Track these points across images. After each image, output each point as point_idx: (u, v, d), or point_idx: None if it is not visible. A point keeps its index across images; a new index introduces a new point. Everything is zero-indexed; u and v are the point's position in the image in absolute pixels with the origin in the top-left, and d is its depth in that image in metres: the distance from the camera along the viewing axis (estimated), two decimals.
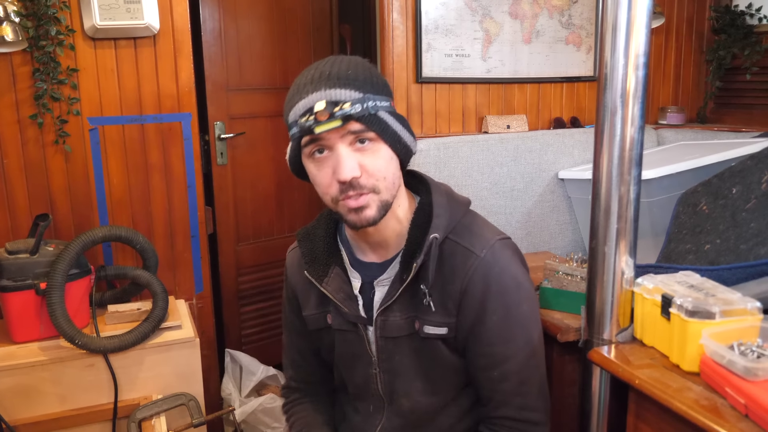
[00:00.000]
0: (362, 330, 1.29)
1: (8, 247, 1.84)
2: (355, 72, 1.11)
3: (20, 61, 1.95)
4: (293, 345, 1.46)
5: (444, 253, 1.20)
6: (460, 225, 1.23)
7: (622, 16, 1.20)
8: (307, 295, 1.36)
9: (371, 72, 1.14)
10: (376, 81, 1.13)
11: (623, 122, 1.24)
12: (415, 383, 1.28)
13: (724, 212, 1.62)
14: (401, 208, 1.23)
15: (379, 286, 1.26)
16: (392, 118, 1.14)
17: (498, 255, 1.20)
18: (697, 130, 2.71)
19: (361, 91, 1.10)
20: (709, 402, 1.07)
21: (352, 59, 1.15)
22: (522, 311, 1.21)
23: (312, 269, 1.30)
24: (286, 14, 3.00)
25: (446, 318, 1.21)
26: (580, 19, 2.59)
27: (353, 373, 1.35)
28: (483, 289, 1.18)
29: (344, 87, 1.09)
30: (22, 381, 1.77)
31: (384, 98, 1.13)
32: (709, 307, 1.14)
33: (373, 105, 1.10)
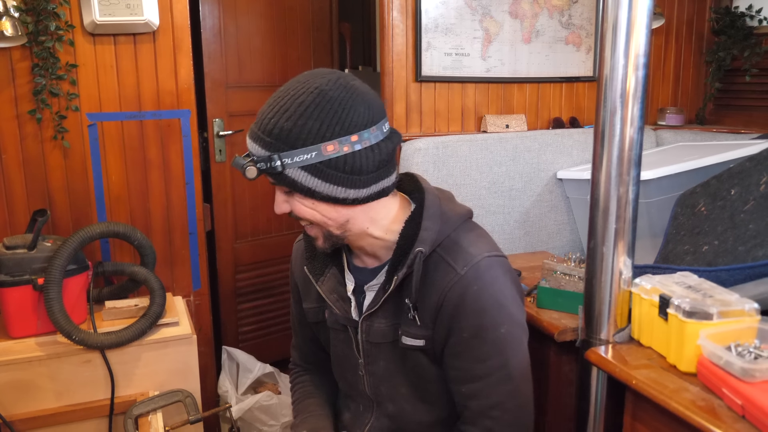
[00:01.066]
0: (352, 332, 1.30)
1: (6, 242, 1.84)
2: (277, 122, 1.08)
3: (19, 56, 1.95)
4: (296, 329, 1.51)
5: (429, 267, 1.19)
6: (449, 239, 1.21)
7: (623, 16, 1.20)
8: (307, 288, 1.38)
9: (300, 118, 1.07)
10: (299, 132, 1.07)
11: (623, 122, 1.24)
12: (400, 389, 1.29)
13: (723, 213, 1.62)
14: (378, 225, 1.20)
15: (369, 290, 1.27)
16: (306, 174, 1.09)
17: (481, 273, 1.17)
18: (696, 131, 2.71)
19: (268, 150, 1.09)
20: (706, 403, 1.07)
21: (296, 98, 1.08)
22: (499, 334, 1.17)
23: (311, 266, 1.32)
24: (285, 12, 3.00)
25: (424, 330, 1.21)
26: (580, 19, 2.60)
27: (344, 371, 1.37)
28: (457, 305, 1.16)
29: (256, 141, 1.11)
30: (18, 376, 1.77)
31: (302, 152, 1.07)
32: (706, 308, 1.14)
33: (279, 164, 1.08)
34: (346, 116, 1.08)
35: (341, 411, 1.43)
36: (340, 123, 1.08)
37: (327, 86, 1.08)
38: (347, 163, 1.09)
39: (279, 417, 2.46)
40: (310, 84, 1.09)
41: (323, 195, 1.11)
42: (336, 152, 1.08)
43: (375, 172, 1.13)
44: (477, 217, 2.35)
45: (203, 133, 2.80)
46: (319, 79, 1.10)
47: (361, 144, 1.10)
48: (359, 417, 1.36)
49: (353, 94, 1.10)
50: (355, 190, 1.12)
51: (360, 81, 1.15)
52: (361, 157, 1.10)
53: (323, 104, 1.07)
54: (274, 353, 3.00)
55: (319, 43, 3.15)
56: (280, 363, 2.72)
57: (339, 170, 1.09)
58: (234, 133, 2.87)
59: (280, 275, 3.13)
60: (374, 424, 1.33)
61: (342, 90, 1.09)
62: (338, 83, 1.10)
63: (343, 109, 1.08)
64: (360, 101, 1.10)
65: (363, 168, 1.11)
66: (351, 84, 1.11)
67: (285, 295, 3.15)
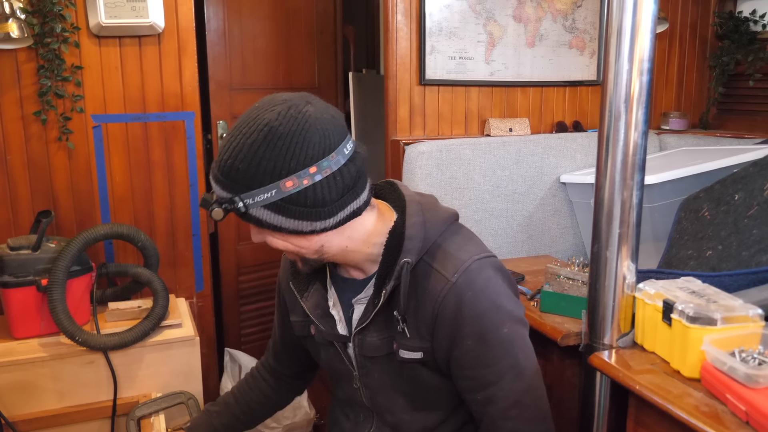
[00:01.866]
0: (340, 347, 1.28)
1: (10, 243, 1.84)
2: (233, 164, 1.05)
3: (25, 57, 1.95)
4: (275, 333, 1.53)
5: (418, 276, 1.17)
6: (435, 245, 1.18)
7: (627, 21, 1.20)
8: (294, 302, 1.36)
9: (253, 158, 1.04)
10: (254, 172, 1.04)
11: (627, 127, 1.24)
12: (397, 400, 1.27)
13: (726, 218, 1.62)
14: (357, 242, 1.17)
15: (358, 304, 1.24)
16: (269, 212, 1.07)
17: (473, 277, 1.14)
18: (699, 135, 2.71)
19: (229, 192, 1.07)
20: (709, 408, 1.07)
21: (247, 137, 1.05)
22: (502, 335, 1.15)
23: (295, 281, 1.30)
24: (290, 15, 3.01)
25: (421, 343, 1.18)
26: (584, 24, 2.60)
27: (339, 384, 1.36)
28: (455, 313, 1.14)
29: (217, 183, 1.09)
30: (21, 377, 1.77)
31: (261, 192, 1.05)
32: (710, 313, 1.14)
33: (240, 205, 1.07)
34: (299, 150, 1.04)
35: (339, 420, 1.42)
36: (295, 158, 1.04)
37: (276, 121, 1.04)
38: (308, 196, 1.06)
39: (280, 419, 2.46)
40: (260, 120, 1.05)
41: (290, 230, 1.10)
42: (296, 187, 1.05)
43: (340, 199, 1.09)
44: (480, 220, 2.37)
45: (207, 135, 2.80)
46: (268, 113, 1.06)
47: (321, 174, 1.06)
48: (359, 426, 1.35)
49: (305, 125, 1.05)
50: (321, 221, 1.09)
51: (316, 102, 1.10)
52: (323, 188, 1.07)
53: (275, 141, 1.03)
54: None
55: (323, 46, 3.16)
56: None
57: (301, 205, 1.07)
58: None
59: None
60: None
61: (293, 122, 1.05)
62: (288, 115, 1.05)
63: (296, 144, 1.04)
64: (313, 131, 1.05)
65: (326, 198, 1.08)
66: (303, 113, 1.06)
67: None
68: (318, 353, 1.37)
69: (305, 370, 1.55)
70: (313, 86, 3.11)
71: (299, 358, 1.50)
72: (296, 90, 3.12)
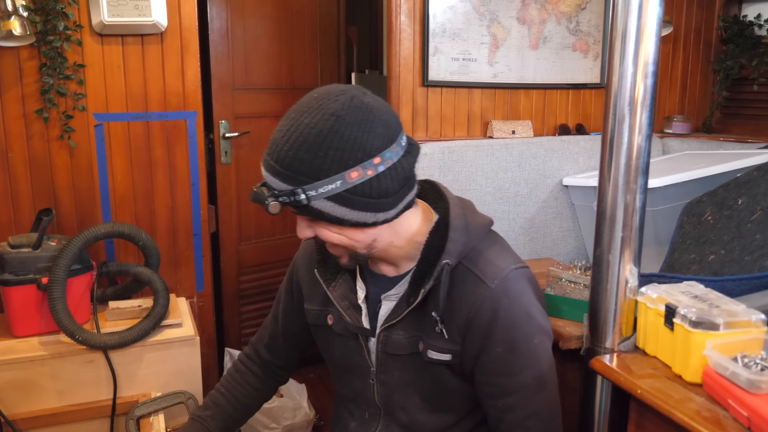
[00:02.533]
0: (363, 340, 1.27)
1: (11, 241, 1.84)
2: (296, 154, 1.03)
3: (27, 55, 1.95)
4: (276, 318, 1.49)
5: (455, 279, 1.17)
6: (475, 251, 1.19)
7: (632, 24, 1.20)
8: (312, 290, 1.35)
9: (320, 148, 1.03)
10: (320, 163, 1.03)
11: (631, 130, 1.23)
12: (413, 400, 1.27)
13: (729, 223, 1.61)
14: (402, 237, 1.18)
15: (386, 300, 1.24)
16: (332, 204, 1.05)
17: (510, 286, 1.16)
18: (702, 139, 2.71)
19: (290, 183, 1.04)
20: (711, 414, 1.06)
21: (312, 126, 1.03)
22: (531, 346, 1.17)
23: (322, 269, 1.29)
24: (293, 15, 3.00)
25: (451, 345, 1.18)
26: (588, 26, 2.59)
27: (351, 378, 1.34)
28: (490, 320, 1.15)
29: (275, 175, 1.05)
30: (21, 375, 1.77)
31: (326, 182, 1.03)
32: (713, 318, 1.14)
33: (302, 198, 1.04)
34: (366, 140, 1.04)
35: (343, 418, 1.42)
36: (362, 148, 1.03)
37: (342, 111, 1.03)
38: (373, 187, 1.06)
39: (280, 420, 2.46)
40: (325, 109, 1.04)
41: (352, 222, 1.09)
42: (361, 178, 1.04)
43: (400, 191, 1.10)
44: None
45: (209, 135, 2.80)
46: (332, 103, 1.05)
47: (384, 165, 1.06)
48: (365, 424, 1.34)
49: (370, 115, 1.05)
50: (383, 213, 1.09)
51: (371, 95, 1.10)
52: (385, 179, 1.07)
53: (342, 131, 1.03)
54: None
55: (326, 47, 3.15)
56: None
57: (366, 196, 1.06)
58: (240, 135, 2.88)
59: (283, 278, 3.13)
60: None
61: (358, 112, 1.04)
62: (353, 105, 1.05)
63: (362, 133, 1.04)
64: (378, 121, 1.06)
65: (389, 189, 1.07)
66: (366, 103, 1.06)
67: None
68: (331, 345, 1.35)
69: (294, 362, 1.53)
70: (316, 86, 3.09)
71: (295, 348, 1.49)
72: (299, 90, 3.13)
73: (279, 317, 1.48)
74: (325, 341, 1.37)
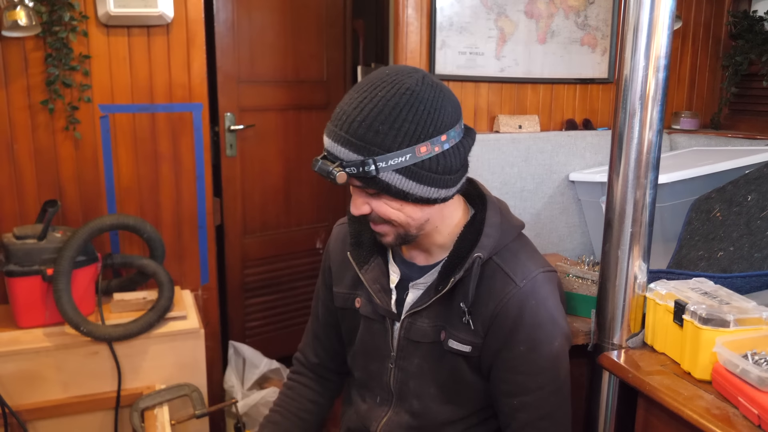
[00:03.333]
0: (389, 324, 1.29)
1: (16, 232, 1.84)
2: (370, 124, 1.04)
3: (33, 46, 1.94)
4: (316, 317, 1.47)
5: (484, 274, 1.19)
6: (507, 249, 1.21)
7: (644, 17, 1.19)
8: (342, 273, 1.37)
9: (395, 120, 1.05)
10: (395, 135, 1.05)
11: (641, 125, 1.22)
12: (429, 389, 1.28)
13: (739, 219, 1.60)
14: (446, 224, 1.21)
15: (414, 288, 1.26)
16: (400, 176, 1.08)
17: (537, 288, 1.17)
18: (711, 135, 2.69)
19: (361, 154, 1.05)
20: (720, 411, 1.05)
21: (388, 99, 1.05)
22: (552, 348, 1.18)
23: (355, 252, 1.31)
24: (299, 8, 2.99)
25: (473, 337, 1.20)
26: (596, 21, 2.57)
27: (369, 361, 1.35)
28: (515, 318, 1.16)
29: (345, 145, 1.06)
30: (26, 366, 1.77)
31: (397, 155, 1.05)
32: (723, 315, 1.13)
33: (371, 168, 1.05)
34: (437, 116, 1.07)
35: (354, 402, 1.42)
36: (433, 124, 1.07)
37: (417, 86, 1.07)
38: (439, 163, 1.09)
39: None
40: (400, 84, 1.07)
41: (416, 197, 1.11)
42: (429, 153, 1.08)
43: (461, 169, 1.14)
44: None
45: (214, 127, 2.79)
46: (407, 78, 1.08)
47: (449, 143, 1.10)
48: (375, 409, 1.35)
49: (440, 93, 1.09)
50: (445, 190, 1.12)
51: (434, 76, 1.15)
52: (450, 156, 1.10)
53: (416, 105, 1.06)
54: (281, 349, 2.99)
55: (332, 39, 3.14)
56: (286, 359, 2.70)
57: (432, 171, 1.09)
58: (245, 128, 2.87)
59: (288, 271, 3.13)
60: (392, 418, 1.32)
61: (431, 89, 1.08)
62: (425, 82, 1.08)
63: (435, 110, 1.07)
64: (447, 101, 1.10)
65: (452, 167, 1.11)
66: (436, 83, 1.10)
67: (293, 291, 3.14)
68: (355, 327, 1.37)
69: (343, 360, 1.47)
70: (322, 80, 3.10)
71: (339, 343, 1.46)
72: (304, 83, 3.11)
73: (318, 313, 1.47)
74: (350, 325, 1.39)
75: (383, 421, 1.33)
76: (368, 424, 1.36)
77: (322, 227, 3.19)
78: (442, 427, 1.29)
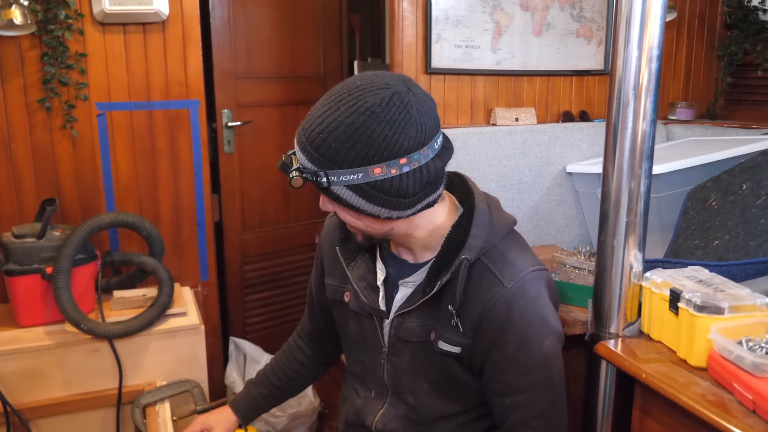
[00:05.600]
0: (377, 321, 1.29)
1: (15, 231, 1.85)
2: (325, 139, 1.04)
3: (28, 44, 1.95)
4: (311, 298, 1.53)
5: (472, 275, 1.18)
6: (495, 248, 1.19)
7: (637, 8, 1.19)
8: (333, 265, 1.38)
9: (348, 140, 1.03)
10: (346, 153, 1.03)
11: (635, 115, 1.23)
12: (421, 385, 1.28)
13: (734, 208, 1.61)
14: (424, 228, 1.19)
15: (403, 286, 1.26)
16: (351, 193, 1.07)
17: (526, 287, 1.16)
18: (707, 125, 2.69)
19: (315, 165, 1.06)
20: (716, 397, 1.06)
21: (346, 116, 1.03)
22: (543, 347, 1.18)
23: (343, 248, 1.32)
24: (295, 3, 2.99)
25: (462, 338, 1.20)
26: (592, 12, 2.58)
27: (362, 355, 1.36)
28: (503, 319, 1.15)
29: (303, 152, 1.07)
30: (27, 365, 1.78)
31: (349, 172, 1.04)
32: (718, 302, 1.14)
33: (323, 180, 1.06)
34: (396, 141, 1.04)
35: (351, 395, 1.43)
36: (389, 148, 1.04)
37: (379, 107, 1.03)
38: (393, 185, 1.06)
39: (285, 408, 2.47)
40: (363, 101, 1.03)
41: (367, 213, 1.10)
42: (383, 175, 1.05)
43: (420, 192, 1.10)
44: None
45: (212, 124, 2.79)
46: (371, 96, 1.04)
47: (410, 166, 1.06)
48: (371, 403, 1.36)
49: (406, 116, 1.04)
50: (398, 211, 1.10)
51: (416, 90, 1.09)
52: (408, 179, 1.07)
53: (373, 127, 1.03)
54: (281, 344, 2.99)
55: (328, 35, 3.14)
56: None
57: (384, 193, 1.07)
58: (242, 124, 2.87)
59: (287, 266, 3.13)
60: (388, 411, 1.33)
61: (394, 111, 1.04)
62: (391, 103, 1.04)
63: (393, 133, 1.04)
64: (412, 123, 1.05)
65: (408, 190, 1.08)
66: (405, 102, 1.05)
67: (292, 287, 3.15)
68: (346, 321, 1.38)
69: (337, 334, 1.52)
70: (318, 75, 3.10)
71: (332, 322, 1.49)
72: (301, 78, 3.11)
73: (312, 291, 1.52)
74: (341, 317, 1.40)
75: (378, 415, 1.34)
76: (364, 417, 1.37)
77: (321, 222, 3.19)
78: (437, 421, 1.29)
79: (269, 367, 1.60)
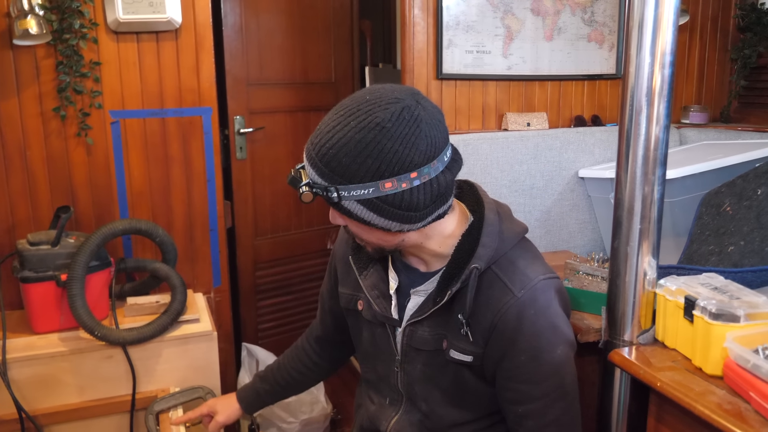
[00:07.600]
0: (390, 329, 1.29)
1: (30, 238, 1.86)
2: (335, 155, 1.04)
3: (44, 53, 1.97)
4: (323, 302, 1.55)
5: (482, 284, 1.18)
6: (505, 257, 1.19)
7: (649, 13, 1.18)
8: (346, 274, 1.39)
9: (359, 155, 1.03)
10: (356, 168, 1.04)
11: (648, 121, 1.22)
12: (433, 393, 1.28)
13: (749, 213, 1.59)
14: (434, 239, 1.20)
15: (415, 295, 1.26)
16: (362, 207, 1.08)
17: (537, 296, 1.16)
18: (720, 129, 2.67)
19: (325, 180, 1.07)
20: (732, 406, 1.05)
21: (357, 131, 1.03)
22: (555, 356, 1.17)
23: (356, 257, 1.32)
24: (306, 9, 3.00)
25: (473, 347, 1.20)
26: (603, 16, 2.57)
27: (376, 363, 1.37)
28: (514, 328, 1.15)
29: (313, 167, 1.08)
30: (41, 371, 1.79)
31: (360, 187, 1.05)
32: (733, 309, 1.13)
33: (334, 195, 1.06)
34: (406, 155, 1.04)
35: (365, 403, 1.43)
36: (400, 162, 1.04)
37: (389, 122, 1.03)
38: (404, 199, 1.07)
39: (298, 414, 2.47)
40: (372, 117, 1.04)
41: (378, 226, 1.11)
42: (394, 189, 1.06)
43: (431, 205, 1.11)
44: None
45: (224, 131, 2.81)
46: (381, 111, 1.04)
47: (420, 179, 1.07)
48: (385, 409, 1.37)
49: (416, 130, 1.05)
50: (409, 224, 1.11)
51: (425, 104, 1.09)
52: (418, 193, 1.08)
53: (384, 142, 1.03)
54: None
55: (339, 41, 3.15)
56: None
57: (395, 207, 1.07)
58: (255, 131, 2.88)
59: (300, 272, 3.14)
60: (402, 417, 1.33)
61: (404, 126, 1.04)
62: (401, 117, 1.04)
63: (404, 148, 1.04)
64: (423, 137, 1.05)
65: (419, 203, 1.09)
66: (415, 117, 1.05)
67: (304, 292, 3.16)
68: (359, 329, 1.38)
69: (349, 339, 1.52)
70: (330, 81, 3.11)
71: (343, 328, 1.50)
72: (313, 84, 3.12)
73: (325, 296, 1.53)
74: (355, 325, 1.41)
75: (393, 421, 1.34)
76: (378, 424, 1.37)
77: (333, 228, 3.20)
78: (451, 429, 1.29)
79: (276, 363, 1.65)
